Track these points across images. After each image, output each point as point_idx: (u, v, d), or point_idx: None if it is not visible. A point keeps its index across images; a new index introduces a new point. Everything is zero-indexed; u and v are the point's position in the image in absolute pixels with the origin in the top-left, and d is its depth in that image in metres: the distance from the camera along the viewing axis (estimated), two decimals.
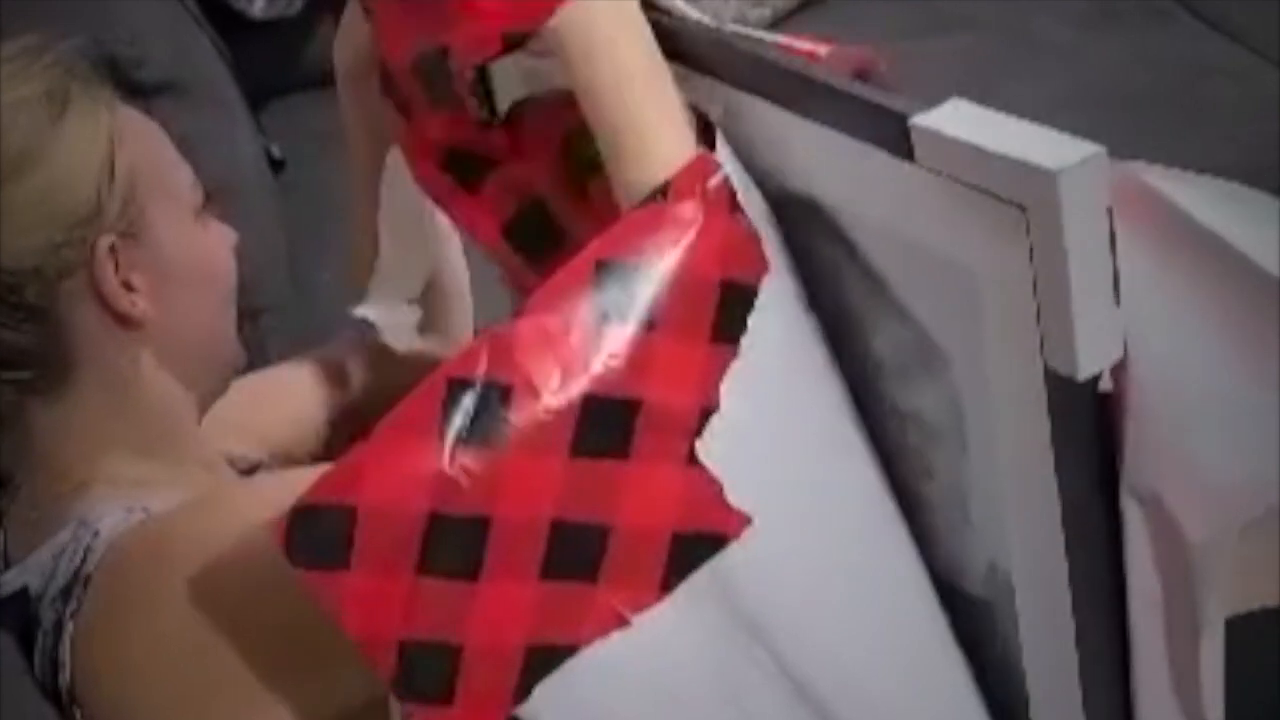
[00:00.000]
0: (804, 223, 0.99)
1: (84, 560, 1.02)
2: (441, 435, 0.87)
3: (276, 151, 2.36)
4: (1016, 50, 2.59)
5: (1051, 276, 0.81)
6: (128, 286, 1.05)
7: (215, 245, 1.13)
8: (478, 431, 0.87)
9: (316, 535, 0.86)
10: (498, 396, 0.88)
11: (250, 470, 1.21)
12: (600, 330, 0.90)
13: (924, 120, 0.85)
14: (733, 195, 0.95)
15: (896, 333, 0.97)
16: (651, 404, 0.91)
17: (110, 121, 1.06)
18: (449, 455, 0.87)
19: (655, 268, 0.92)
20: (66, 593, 1.03)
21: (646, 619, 0.92)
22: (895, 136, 0.87)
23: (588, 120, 0.98)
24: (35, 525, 1.07)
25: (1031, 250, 0.81)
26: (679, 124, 0.98)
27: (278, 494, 0.91)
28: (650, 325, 0.91)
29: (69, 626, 1.02)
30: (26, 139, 1.03)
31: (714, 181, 0.94)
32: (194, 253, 1.10)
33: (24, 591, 1.05)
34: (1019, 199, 0.81)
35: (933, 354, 0.94)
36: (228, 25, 2.44)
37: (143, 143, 1.09)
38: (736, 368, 0.93)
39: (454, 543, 0.87)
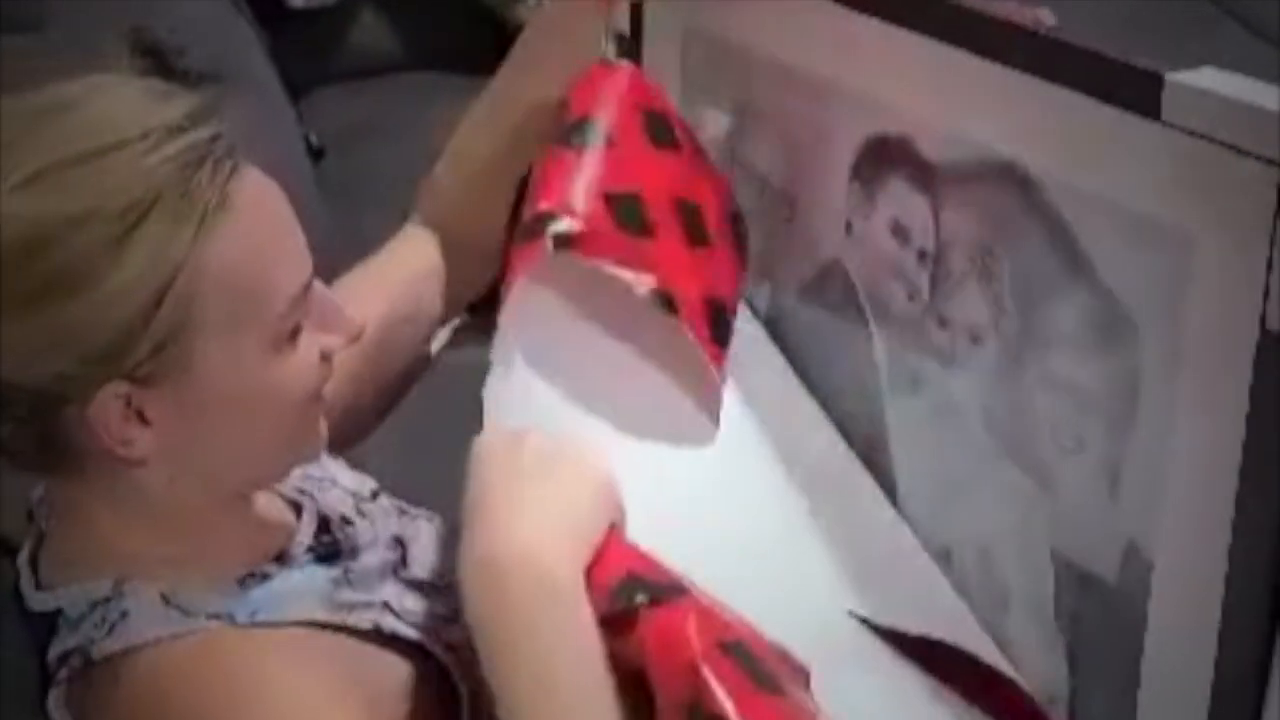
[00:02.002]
0: (1001, 188, 1.02)
1: (107, 635, 0.99)
2: None
3: (316, 140, 2.36)
4: None
5: None
6: (141, 418, 0.95)
7: (290, 376, 1.00)
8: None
9: None
10: None
11: (295, 507, 1.12)
12: None
13: (1181, 78, 0.89)
14: None
15: (1079, 301, 0.99)
16: None
17: (189, 240, 0.93)
18: None
19: None
20: (69, 654, 1.00)
21: None
22: (1143, 95, 0.90)
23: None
24: (67, 565, 1.03)
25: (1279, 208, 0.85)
26: None
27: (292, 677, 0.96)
28: None
29: (56, 690, 1.01)
30: (70, 264, 0.91)
31: None
32: (252, 389, 0.98)
33: (57, 613, 1.02)
34: (1277, 156, 0.84)
35: (1118, 322, 0.97)
36: (268, 14, 2.44)
37: (238, 260, 0.95)
38: None
39: None
